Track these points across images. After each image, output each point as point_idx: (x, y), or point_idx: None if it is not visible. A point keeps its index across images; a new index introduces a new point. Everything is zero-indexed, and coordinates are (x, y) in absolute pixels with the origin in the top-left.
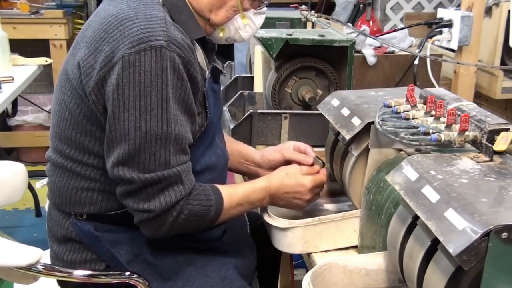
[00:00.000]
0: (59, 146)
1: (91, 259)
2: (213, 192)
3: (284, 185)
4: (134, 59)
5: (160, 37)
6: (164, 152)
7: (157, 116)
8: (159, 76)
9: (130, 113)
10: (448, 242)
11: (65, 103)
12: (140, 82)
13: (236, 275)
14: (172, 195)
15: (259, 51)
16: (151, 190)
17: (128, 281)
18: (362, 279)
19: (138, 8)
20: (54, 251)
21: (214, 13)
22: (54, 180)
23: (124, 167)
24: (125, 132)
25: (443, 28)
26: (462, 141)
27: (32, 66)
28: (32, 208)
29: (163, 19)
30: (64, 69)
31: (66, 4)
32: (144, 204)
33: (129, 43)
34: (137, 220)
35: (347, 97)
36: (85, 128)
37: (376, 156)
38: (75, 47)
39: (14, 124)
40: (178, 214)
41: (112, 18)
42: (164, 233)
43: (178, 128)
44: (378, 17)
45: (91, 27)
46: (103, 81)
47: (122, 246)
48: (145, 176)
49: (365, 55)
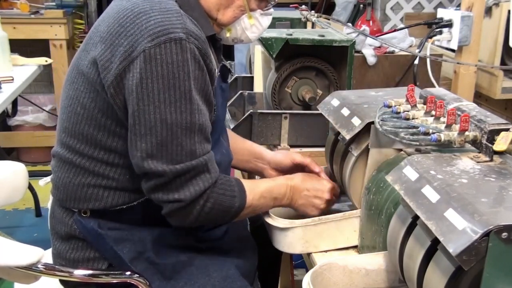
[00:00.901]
0: (69, 141)
1: (94, 257)
2: (236, 184)
3: (305, 182)
4: (155, 52)
5: (178, 29)
6: (190, 142)
7: (181, 108)
8: (181, 68)
9: (155, 106)
10: (448, 242)
11: (77, 98)
12: (163, 75)
13: (237, 275)
14: (200, 184)
15: (259, 51)
16: (179, 180)
17: (129, 281)
18: (362, 279)
19: (153, 1)
20: (57, 249)
21: (222, 13)
22: (60, 176)
23: (154, 160)
24: (151, 125)
25: (443, 28)
26: (462, 141)
27: (32, 66)
28: (32, 208)
29: (179, 12)
30: (75, 65)
31: (66, 4)
32: (174, 194)
33: (148, 37)
34: (166, 211)
35: (347, 97)
36: (100, 122)
37: (376, 156)
38: (88, 42)
39: (14, 124)
40: (205, 203)
41: (128, 12)
42: (191, 223)
43: (201, 118)
44: (378, 17)
45: (105, 22)
46: (123, 75)
47: (125, 244)
48: (175, 168)
49: (365, 55)
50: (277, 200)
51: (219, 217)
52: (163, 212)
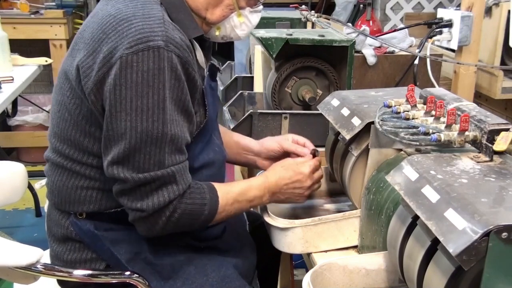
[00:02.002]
0: (59, 146)
1: (91, 258)
2: (208, 191)
3: (281, 178)
4: (132, 59)
5: (158, 37)
6: (159, 152)
7: (153, 117)
8: (156, 76)
9: (127, 113)
10: (448, 242)
11: (64, 103)
12: (137, 82)
13: (236, 275)
14: (165, 195)
15: (259, 51)
16: (144, 189)
17: (128, 281)
18: (362, 279)
19: (136, 7)
20: (54, 251)
21: (210, 12)
22: (54, 180)
23: (119, 167)
24: (122, 131)
25: (443, 28)
26: (462, 141)
27: (32, 66)
28: (32, 208)
29: (161, 18)
30: (63, 70)
31: (66, 4)
32: (137, 203)
33: (127, 43)
34: (131, 219)
35: (347, 97)
36: (85, 129)
37: (376, 156)
38: (73, 48)
39: (14, 124)
40: (171, 214)
41: (110, 18)
42: (158, 232)
43: (174, 128)
44: (378, 17)
45: (89, 28)
46: (102, 81)
47: (122, 245)
48: (138, 176)
49: (365, 55)
50: (254, 202)
51: (188, 225)
52: (129, 219)
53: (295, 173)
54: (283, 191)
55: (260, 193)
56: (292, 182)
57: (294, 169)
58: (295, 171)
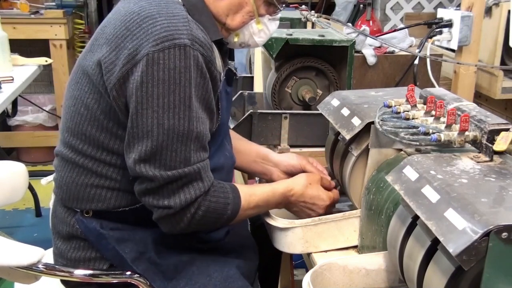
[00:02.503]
0: (71, 141)
1: (95, 257)
2: (231, 191)
3: (304, 195)
4: (159, 57)
5: (183, 36)
6: (185, 149)
7: (180, 114)
8: (182, 74)
9: (153, 110)
10: (448, 242)
11: (81, 98)
12: (164, 80)
13: (238, 275)
14: (191, 192)
15: (259, 51)
16: (171, 187)
17: (130, 281)
18: (362, 279)
19: (160, 6)
20: (58, 248)
21: (231, 18)
22: (63, 175)
23: (146, 164)
24: (148, 129)
25: (443, 28)
26: (462, 141)
27: (32, 66)
28: (32, 208)
29: (186, 17)
30: (80, 65)
31: (66, 4)
32: (164, 200)
33: (153, 41)
34: (156, 217)
35: (347, 97)
36: (102, 124)
37: (376, 156)
38: (94, 43)
39: (14, 124)
40: (196, 211)
41: (134, 15)
42: (182, 229)
43: (199, 126)
44: (378, 17)
45: (111, 24)
46: (126, 77)
47: (127, 244)
48: (167, 174)
49: (365, 55)
50: (270, 207)
51: (211, 224)
52: (153, 217)
53: (317, 197)
54: (298, 205)
55: (280, 201)
56: (311, 204)
57: (319, 193)
58: (319, 196)
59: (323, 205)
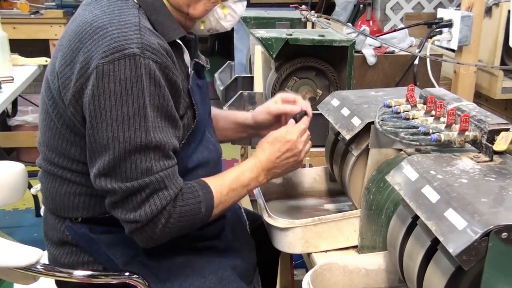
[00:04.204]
0: (48, 154)
1: (88, 261)
2: (200, 188)
3: (271, 153)
4: (108, 69)
5: (133, 45)
6: (145, 159)
7: (135, 125)
8: (134, 84)
9: (107, 124)
10: (448, 242)
11: (48, 113)
12: (115, 92)
13: (234, 277)
14: (157, 202)
15: (259, 51)
16: (135, 199)
17: (128, 281)
18: (362, 279)
19: (113, 13)
20: (52, 254)
21: (192, 7)
22: (47, 187)
23: (106, 178)
24: (104, 143)
25: (443, 28)
26: (462, 141)
27: (32, 66)
28: (32, 208)
29: (137, 25)
30: (46, 78)
31: (66, 4)
32: (130, 214)
33: (102, 53)
34: (127, 231)
35: (347, 97)
36: (69, 138)
37: (376, 156)
38: (54, 55)
39: (14, 124)
40: (167, 220)
41: (87, 26)
42: (159, 241)
43: (158, 135)
44: (378, 17)
45: (67, 35)
46: (80, 92)
47: (117, 248)
48: (126, 185)
49: (365, 55)
50: (251, 185)
51: (189, 227)
52: (126, 232)
53: (283, 143)
54: (278, 165)
55: (254, 174)
56: (283, 153)
57: (281, 140)
58: (282, 141)
59: (294, 143)
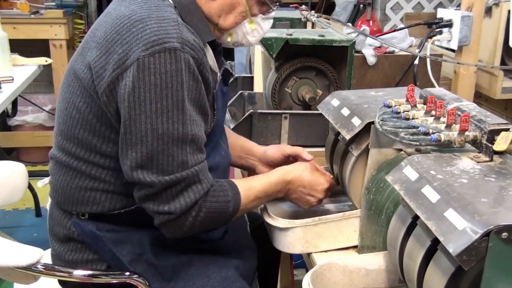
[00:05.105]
0: (65, 144)
1: (93, 259)
2: (230, 188)
3: (302, 179)
4: (149, 62)
5: (174, 39)
6: (181, 152)
7: (173, 118)
8: (174, 78)
9: (146, 116)
10: (448, 242)
11: (73, 102)
12: (155, 84)
13: (236, 276)
14: (191, 195)
15: (259, 51)
16: (170, 192)
17: (129, 281)
18: (362, 279)
19: (150, 9)
20: (56, 251)
21: (223, 18)
22: (58, 179)
23: (143, 171)
24: (142, 134)
25: (443, 28)
26: (462, 141)
27: (32, 66)
28: (32, 208)
29: (176, 20)
30: (72, 68)
31: (66, 4)
32: (164, 206)
33: (143, 45)
34: (157, 223)
35: (347, 97)
36: (94, 128)
37: (376, 156)
38: (84, 46)
39: (14, 124)
40: (197, 213)
41: (125, 19)
42: (185, 233)
43: (194, 129)
44: (378, 17)
45: (102, 27)
46: (116, 83)
47: (124, 246)
48: (165, 179)
49: (365, 55)
50: (271, 197)
51: (214, 223)
52: (155, 223)
53: (315, 182)
54: (297, 191)
55: (279, 188)
56: (309, 188)
57: (316, 177)
58: (317, 180)
59: (321, 189)
